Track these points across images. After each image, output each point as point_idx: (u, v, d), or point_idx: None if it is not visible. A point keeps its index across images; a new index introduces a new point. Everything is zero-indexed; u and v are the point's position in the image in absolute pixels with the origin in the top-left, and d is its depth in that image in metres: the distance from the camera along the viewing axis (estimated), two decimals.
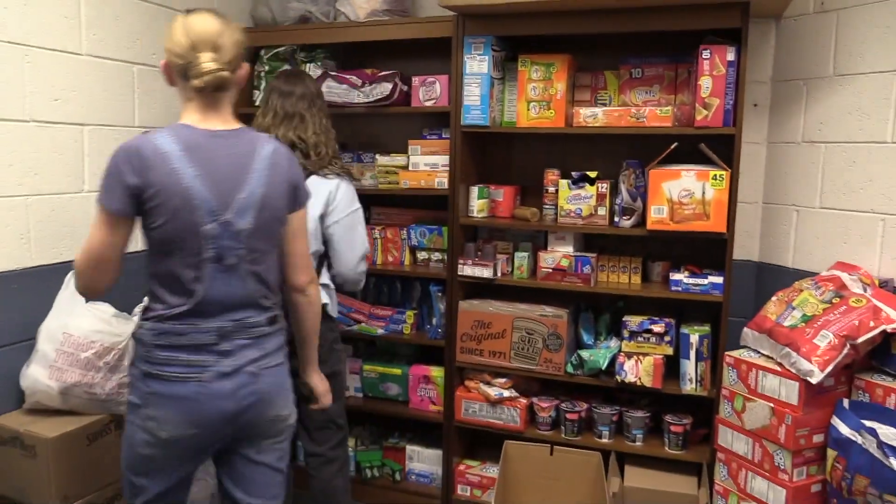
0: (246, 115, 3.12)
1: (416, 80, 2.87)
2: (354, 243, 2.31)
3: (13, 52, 2.19)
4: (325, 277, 2.32)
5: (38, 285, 2.27)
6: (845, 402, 2.06)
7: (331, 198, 2.23)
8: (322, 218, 2.23)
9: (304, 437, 2.41)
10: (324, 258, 2.30)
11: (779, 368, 2.14)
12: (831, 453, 2.03)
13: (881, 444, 1.86)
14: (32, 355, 2.21)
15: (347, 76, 2.90)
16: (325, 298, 2.25)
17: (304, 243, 1.84)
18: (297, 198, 1.76)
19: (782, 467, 2.11)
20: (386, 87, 2.85)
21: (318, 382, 2.06)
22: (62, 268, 2.33)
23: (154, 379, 1.62)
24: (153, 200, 1.56)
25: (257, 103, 3.15)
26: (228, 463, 1.77)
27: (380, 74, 2.88)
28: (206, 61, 1.59)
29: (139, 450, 1.65)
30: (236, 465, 1.76)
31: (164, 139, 1.58)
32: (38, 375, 2.17)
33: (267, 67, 3.11)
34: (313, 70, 3.00)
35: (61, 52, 2.33)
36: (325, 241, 2.28)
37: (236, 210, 1.61)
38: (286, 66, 3.09)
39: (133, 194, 1.55)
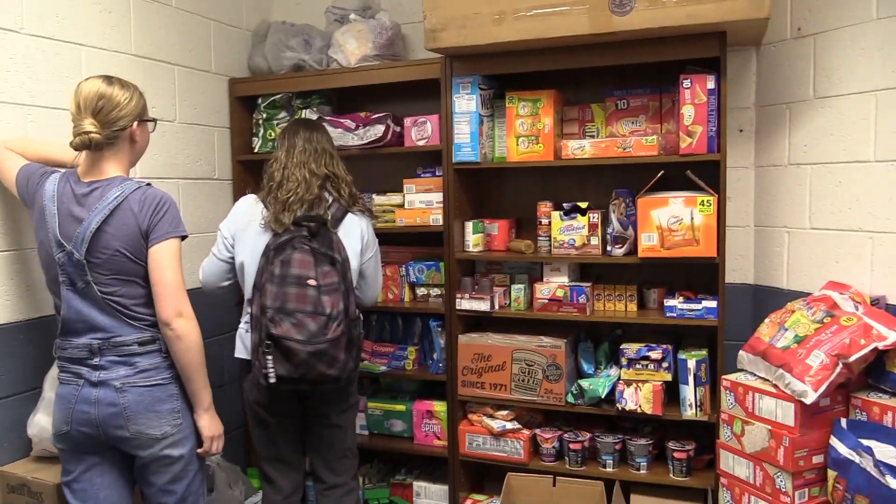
0: (245, 162, 3.26)
1: (408, 121, 2.95)
2: (378, 276, 2.53)
3: (18, 111, 2.29)
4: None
5: (44, 335, 2.32)
6: (843, 422, 2.06)
7: (365, 235, 2.40)
8: (360, 253, 2.37)
9: (322, 470, 2.46)
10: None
11: (774, 390, 2.14)
12: (831, 474, 2.02)
13: (877, 463, 1.86)
14: (39, 403, 2.25)
15: (342, 120, 2.99)
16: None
17: (166, 276, 1.92)
18: (150, 235, 1.91)
19: (784, 490, 2.10)
20: (379, 129, 2.93)
21: (206, 425, 2.05)
22: None
23: (59, 382, 1.98)
24: (35, 227, 1.96)
25: (256, 150, 3.24)
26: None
27: (373, 117, 2.96)
28: (82, 123, 1.87)
29: (53, 441, 2.03)
30: (141, 488, 2.05)
31: (53, 181, 1.94)
32: (45, 423, 2.21)
33: (265, 115, 3.21)
34: (309, 115, 3.09)
35: (64, 111, 2.41)
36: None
37: (74, 243, 1.87)
38: (283, 113, 3.19)
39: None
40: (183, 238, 1.97)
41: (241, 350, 2.38)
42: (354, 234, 2.35)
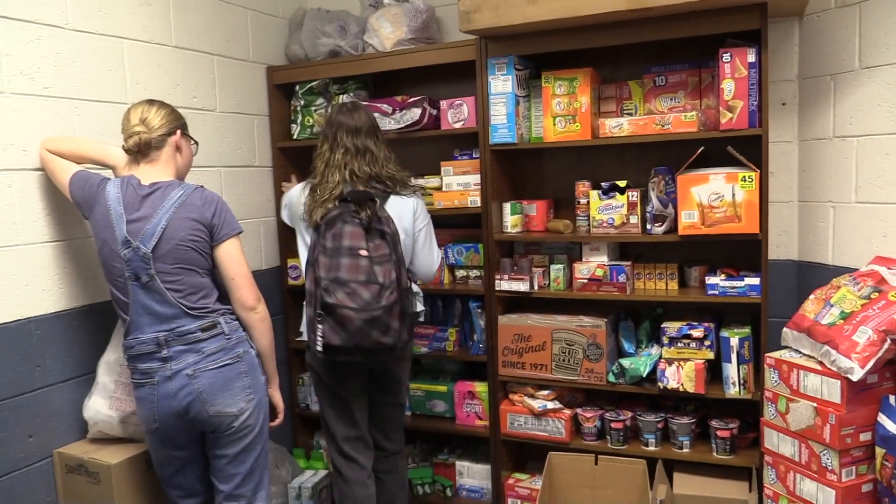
0: (285, 149, 3.31)
1: (444, 104, 2.96)
2: (433, 250, 2.55)
3: (66, 105, 2.35)
4: (415, 286, 2.56)
5: (97, 321, 2.42)
6: (891, 399, 2.02)
7: (417, 209, 2.47)
8: (412, 226, 2.46)
9: (382, 440, 2.61)
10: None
11: (820, 367, 2.11)
12: (879, 451, 1.99)
13: None
14: (93, 387, 2.33)
15: (378, 104, 3.00)
16: (419, 306, 2.55)
17: (242, 268, 2.13)
18: (214, 232, 2.09)
19: (830, 468, 2.07)
20: (415, 113, 2.94)
21: (279, 398, 2.34)
22: None
23: (133, 386, 2.10)
24: (97, 228, 2.07)
25: (295, 136, 3.29)
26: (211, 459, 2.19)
27: (409, 101, 2.97)
28: (132, 128, 2.08)
29: (146, 439, 2.16)
30: (210, 459, 2.18)
31: (115, 185, 2.07)
32: (100, 406, 2.30)
33: (302, 102, 3.24)
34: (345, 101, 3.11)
35: (108, 103, 2.49)
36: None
37: (142, 238, 2.00)
38: (321, 99, 3.21)
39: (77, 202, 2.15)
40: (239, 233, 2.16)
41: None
42: (406, 212, 2.42)
